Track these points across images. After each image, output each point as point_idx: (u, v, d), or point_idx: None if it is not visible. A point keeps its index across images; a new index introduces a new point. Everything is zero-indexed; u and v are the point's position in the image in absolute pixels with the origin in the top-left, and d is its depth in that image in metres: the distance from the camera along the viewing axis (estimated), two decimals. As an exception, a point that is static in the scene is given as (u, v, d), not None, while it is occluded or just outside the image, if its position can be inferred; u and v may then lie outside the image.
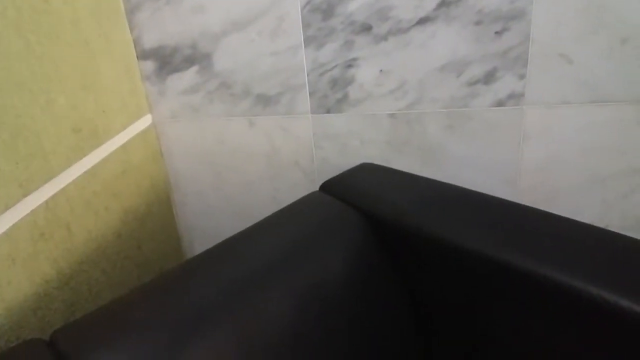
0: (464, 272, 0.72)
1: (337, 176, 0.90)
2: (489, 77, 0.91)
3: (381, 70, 0.95)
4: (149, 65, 1.03)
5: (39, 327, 0.74)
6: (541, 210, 0.75)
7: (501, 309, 0.70)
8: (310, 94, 0.99)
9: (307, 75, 0.98)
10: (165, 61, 1.02)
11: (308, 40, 0.95)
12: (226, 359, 0.61)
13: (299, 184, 1.08)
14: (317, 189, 0.88)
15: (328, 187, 0.87)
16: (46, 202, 0.75)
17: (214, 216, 1.15)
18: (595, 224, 0.71)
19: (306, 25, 0.93)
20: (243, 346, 0.63)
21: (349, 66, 0.95)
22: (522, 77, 0.89)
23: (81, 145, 0.84)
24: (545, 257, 0.65)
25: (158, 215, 1.09)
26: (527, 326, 0.68)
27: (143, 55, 1.02)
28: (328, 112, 1.00)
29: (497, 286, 0.69)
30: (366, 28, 0.92)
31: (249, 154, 1.07)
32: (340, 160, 1.03)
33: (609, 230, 0.71)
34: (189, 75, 1.02)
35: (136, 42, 1.02)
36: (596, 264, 0.64)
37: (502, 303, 0.69)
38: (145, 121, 1.05)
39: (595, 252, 0.67)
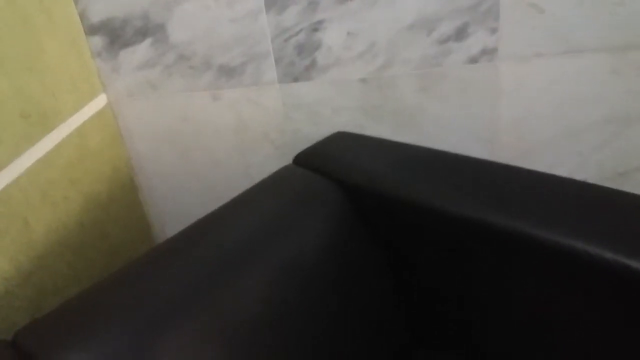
0: (443, 234, 0.71)
1: (310, 147, 0.88)
2: (460, 34, 0.88)
3: (349, 33, 0.90)
4: (99, 41, 0.96)
5: (3, 327, 0.70)
6: (518, 167, 0.75)
7: (481, 269, 0.69)
8: (276, 61, 0.94)
9: (271, 41, 0.92)
10: (116, 35, 0.95)
11: (269, 4, 0.89)
12: (204, 347, 0.59)
13: (271, 158, 1.04)
14: (291, 161, 0.85)
15: (302, 159, 0.85)
16: (-3, 194, 0.70)
17: (184, 198, 1.11)
18: (573, 177, 0.70)
19: (266, -13, 0.88)
20: (221, 331, 0.61)
21: (315, 30, 0.91)
22: (494, 31, 0.86)
23: (31, 131, 0.78)
24: (524, 214, 0.64)
25: (123, 200, 1.04)
26: (508, 285, 0.68)
27: (91, 30, 0.95)
28: (296, 80, 0.96)
29: (477, 246, 0.68)
30: (330, -13, 0.87)
31: (216, 130, 1.02)
32: (313, 130, 1.00)
33: (588, 183, 0.70)
34: (143, 49, 0.95)
35: (82, 17, 0.94)
36: (577, 217, 0.63)
37: (481, 262, 0.69)
38: (99, 101, 0.98)
39: (575, 205, 0.66)
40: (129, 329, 0.57)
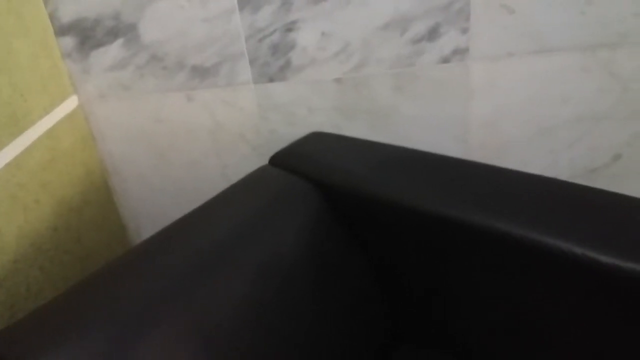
0: (420, 233, 0.71)
1: (286, 147, 0.88)
2: (432, 33, 0.88)
3: (323, 33, 0.90)
4: (69, 41, 0.94)
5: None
6: (492, 166, 0.76)
7: (459, 267, 0.70)
8: (251, 62, 0.94)
9: (245, 42, 0.92)
10: (87, 35, 0.93)
11: (242, 3, 0.89)
12: (181, 350, 0.58)
13: (247, 159, 1.03)
14: (267, 162, 0.84)
15: (277, 159, 0.85)
16: (-37, 200, 0.68)
17: (159, 200, 1.09)
18: (545, 175, 0.71)
19: (239, -13, 0.88)
20: (199, 332, 0.60)
21: (289, 30, 0.90)
22: (465, 31, 0.87)
23: (-1, 134, 0.76)
24: (499, 212, 0.65)
25: (96, 204, 1.02)
26: (486, 283, 0.69)
27: (61, 30, 0.93)
28: (271, 80, 0.95)
29: (454, 244, 0.68)
30: (303, -12, 0.87)
31: (191, 131, 1.01)
32: (289, 130, 1.00)
33: (560, 180, 0.71)
34: (114, 50, 0.94)
35: (52, 17, 0.92)
36: (551, 215, 0.64)
37: (459, 261, 0.69)
38: (70, 103, 0.96)
39: (548, 203, 0.67)
40: (104, 333, 0.56)
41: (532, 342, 0.66)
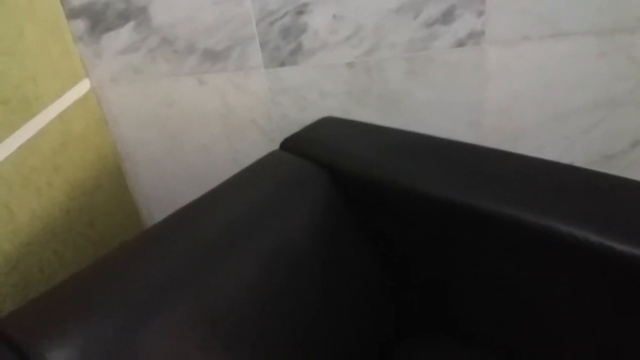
0: (430, 219, 0.71)
1: (297, 132, 0.87)
2: (447, 16, 0.87)
3: (334, 16, 0.89)
4: (80, 25, 0.94)
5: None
6: (505, 151, 0.74)
7: (468, 252, 0.69)
8: (262, 46, 0.93)
9: (256, 25, 0.91)
10: (98, 19, 0.93)
11: (253, -14, 0.88)
12: (190, 334, 0.59)
13: (258, 144, 1.03)
14: (278, 147, 0.84)
15: (289, 144, 0.84)
16: (-23, 183, 0.69)
17: (171, 184, 1.10)
18: (560, 161, 0.70)
19: (250, -31, 0.86)
20: (208, 317, 0.61)
21: (300, 12, 0.89)
22: (480, 13, 0.85)
23: (11, 118, 0.76)
24: (511, 198, 0.64)
25: (109, 188, 1.03)
26: (496, 268, 0.68)
27: (72, 13, 0.93)
28: (282, 64, 0.94)
29: (464, 230, 0.68)
30: (315, -31, 0.85)
31: (202, 115, 1.01)
32: (300, 115, 0.99)
33: (574, 166, 0.70)
34: (126, 33, 0.94)
35: (63, 0, 0.92)
36: (564, 201, 0.63)
37: (468, 246, 0.69)
38: (82, 86, 0.96)
39: (561, 189, 0.66)
40: (114, 317, 0.57)
41: (543, 330, 0.66)
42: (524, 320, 0.68)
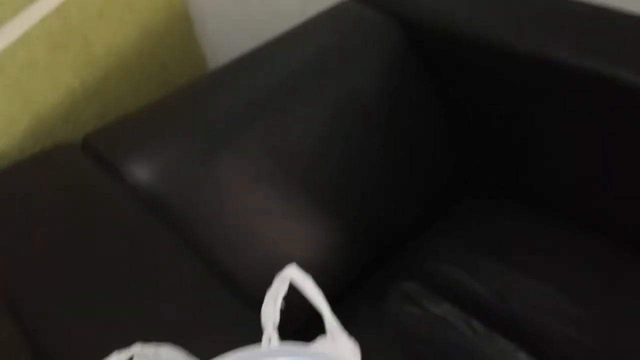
0: (504, 73, 0.68)
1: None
2: None
3: None
4: None
5: (73, 138, 0.75)
6: (590, 4, 0.67)
7: (545, 108, 0.67)
8: None
9: None
10: None
11: None
12: (260, 162, 0.62)
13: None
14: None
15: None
16: (57, 9, 0.70)
17: (238, 34, 1.08)
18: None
19: None
20: (277, 151, 0.63)
21: None
22: None
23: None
24: (592, 50, 0.60)
25: (178, 33, 1.03)
26: (572, 124, 0.65)
27: None
28: None
29: (543, 85, 0.65)
30: None
31: (271, -40, 0.96)
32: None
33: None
34: None
35: None
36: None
37: (540, 101, 0.66)
38: None
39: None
40: (191, 140, 0.60)
41: (610, 192, 0.65)
42: (592, 179, 0.66)
